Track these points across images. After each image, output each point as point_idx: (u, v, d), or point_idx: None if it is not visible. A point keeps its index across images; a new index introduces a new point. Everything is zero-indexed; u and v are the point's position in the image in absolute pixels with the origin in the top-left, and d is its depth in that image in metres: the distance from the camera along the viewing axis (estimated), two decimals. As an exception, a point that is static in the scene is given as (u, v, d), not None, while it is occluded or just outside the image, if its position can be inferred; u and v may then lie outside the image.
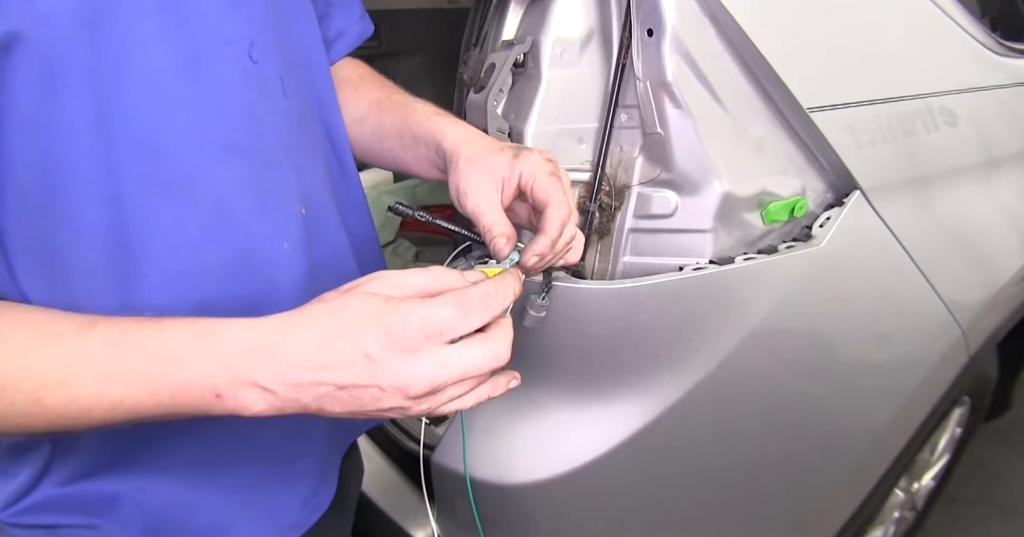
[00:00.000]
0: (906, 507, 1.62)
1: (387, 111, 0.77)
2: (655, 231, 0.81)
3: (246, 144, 0.59)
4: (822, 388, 0.98)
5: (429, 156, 0.72)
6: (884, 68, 0.98)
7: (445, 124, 0.71)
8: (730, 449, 0.94)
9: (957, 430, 1.65)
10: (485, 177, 0.64)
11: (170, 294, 0.57)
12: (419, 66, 2.30)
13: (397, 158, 0.77)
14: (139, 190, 0.54)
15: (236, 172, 0.59)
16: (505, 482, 0.88)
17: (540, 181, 0.62)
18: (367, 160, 0.82)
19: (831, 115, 0.86)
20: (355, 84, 0.81)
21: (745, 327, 0.84)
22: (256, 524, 0.70)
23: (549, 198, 0.61)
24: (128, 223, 0.54)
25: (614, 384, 0.84)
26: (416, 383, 0.48)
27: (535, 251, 0.61)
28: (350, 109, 0.79)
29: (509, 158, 0.64)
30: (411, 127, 0.74)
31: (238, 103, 0.59)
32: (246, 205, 0.60)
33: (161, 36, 0.53)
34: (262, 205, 0.61)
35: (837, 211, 0.89)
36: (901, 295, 1.02)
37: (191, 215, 0.57)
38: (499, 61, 0.78)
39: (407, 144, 0.74)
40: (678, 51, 0.74)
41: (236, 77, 0.58)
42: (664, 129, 0.76)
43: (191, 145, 0.56)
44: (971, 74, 1.14)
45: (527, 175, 0.63)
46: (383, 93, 0.80)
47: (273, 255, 0.62)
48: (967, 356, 1.19)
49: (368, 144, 0.79)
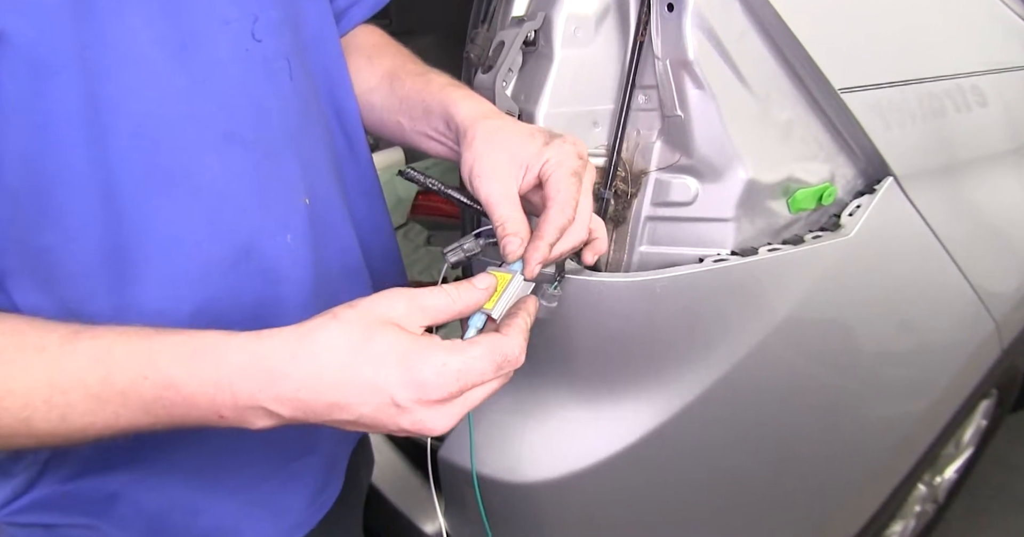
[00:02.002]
0: (928, 501, 1.61)
1: (399, 81, 0.74)
2: (674, 220, 0.78)
3: (247, 133, 0.57)
4: (850, 383, 0.95)
5: (440, 129, 0.68)
6: (919, 46, 0.94)
7: (459, 96, 0.67)
8: (750, 448, 0.92)
9: (983, 423, 1.63)
10: (503, 161, 0.59)
11: (169, 294, 0.55)
12: (431, 46, 2.26)
13: (407, 131, 0.73)
14: (133, 184, 0.51)
15: (236, 163, 0.56)
16: (514, 480, 0.86)
17: (558, 176, 0.58)
18: (377, 133, 0.78)
19: (863, 96, 0.83)
20: (369, 53, 0.78)
21: (769, 323, 0.81)
22: (262, 524, 0.69)
23: (556, 197, 0.57)
24: (123, 220, 0.52)
25: (628, 381, 0.81)
26: (441, 426, 0.48)
27: (535, 259, 0.57)
28: (361, 79, 0.76)
29: (539, 145, 0.59)
30: (423, 98, 0.70)
31: (238, 88, 0.56)
32: (247, 197, 0.57)
33: (152, 18, 0.50)
34: (264, 197, 0.59)
35: (868, 199, 0.86)
36: (934, 287, 0.99)
37: (189, 210, 0.54)
38: (508, 39, 0.75)
39: (418, 116, 0.70)
40: (700, 28, 0.71)
41: (236, 60, 0.56)
42: (685, 111, 0.73)
43: (188, 135, 0.53)
44: (1011, 53, 1.10)
45: (552, 164, 0.58)
46: (397, 62, 0.76)
47: (276, 249, 0.60)
48: (1000, 349, 1.16)
49: (379, 116, 0.76)
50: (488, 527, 0.90)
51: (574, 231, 0.59)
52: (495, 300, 0.61)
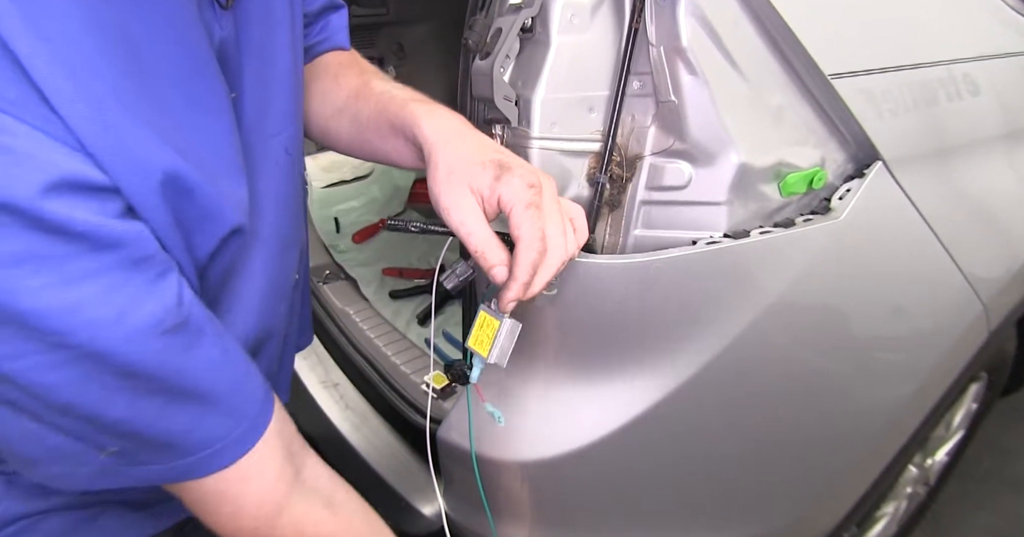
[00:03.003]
0: (919, 482, 1.61)
1: (364, 100, 0.75)
2: (668, 203, 0.79)
3: (269, 233, 0.64)
4: (840, 365, 0.96)
5: (408, 146, 0.70)
6: (908, 32, 0.95)
7: (421, 112, 0.67)
8: (743, 427, 0.93)
9: (973, 406, 1.64)
10: (466, 191, 0.60)
11: None
12: (427, 34, 2.26)
13: (377, 150, 0.75)
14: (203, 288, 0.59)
15: (260, 260, 0.64)
16: (512, 459, 0.87)
17: (516, 213, 0.59)
18: (349, 153, 0.81)
19: (853, 82, 0.83)
20: (335, 72, 0.80)
21: (760, 303, 0.82)
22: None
23: (521, 235, 0.58)
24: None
25: (624, 361, 0.82)
26: None
27: (508, 298, 0.60)
28: (330, 99, 0.78)
29: (490, 179, 0.60)
30: (388, 117, 0.71)
31: (271, 195, 0.64)
32: (264, 287, 0.66)
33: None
34: (273, 285, 0.67)
35: (857, 183, 0.87)
36: (922, 269, 1.00)
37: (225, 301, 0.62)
38: (506, 26, 0.75)
39: (385, 134, 0.72)
40: (694, 15, 0.71)
41: (272, 173, 0.64)
42: (678, 97, 0.74)
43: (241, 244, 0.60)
44: (999, 40, 1.10)
45: (506, 202, 0.59)
46: (361, 81, 0.77)
47: (277, 322, 0.70)
48: (987, 332, 1.17)
49: (348, 136, 0.77)
50: (487, 506, 0.92)
51: (551, 257, 0.60)
52: (487, 347, 0.66)
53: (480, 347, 0.67)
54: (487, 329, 0.66)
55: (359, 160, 2.33)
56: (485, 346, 0.66)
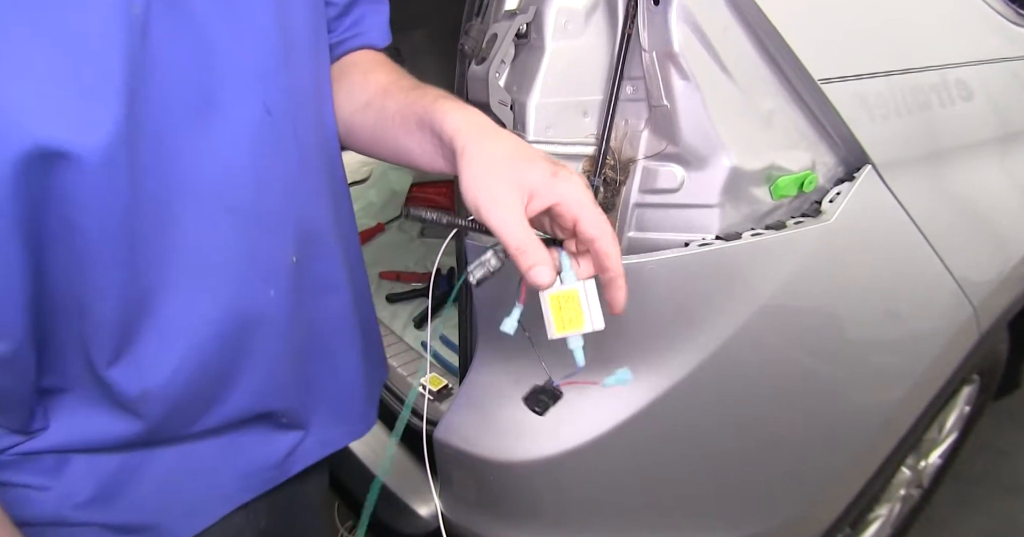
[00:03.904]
0: (912, 485, 1.62)
1: (392, 95, 0.72)
2: (661, 206, 0.80)
3: (245, 205, 0.61)
4: (831, 366, 0.97)
5: (433, 142, 0.67)
6: (898, 38, 0.96)
7: (452, 107, 0.65)
8: (736, 428, 0.93)
9: (966, 408, 1.64)
10: (507, 186, 0.57)
11: (161, 343, 0.60)
12: (424, 40, 2.27)
13: (399, 146, 0.72)
14: (147, 251, 0.56)
15: (230, 232, 0.61)
16: (508, 459, 0.88)
17: (588, 216, 0.56)
18: (371, 153, 0.78)
19: (843, 87, 0.84)
20: (364, 68, 0.78)
21: (752, 304, 0.83)
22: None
23: (604, 236, 0.57)
24: (135, 282, 0.56)
25: (617, 361, 0.82)
26: None
27: (622, 295, 0.59)
28: (356, 95, 0.75)
29: (547, 175, 0.57)
30: (416, 110, 0.68)
31: (245, 163, 0.60)
32: (234, 261, 0.62)
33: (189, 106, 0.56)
34: (250, 260, 0.63)
35: (847, 186, 0.88)
36: (912, 272, 1.01)
37: (181, 271, 0.59)
38: (501, 31, 0.76)
39: (411, 129, 0.69)
40: (685, 21, 0.72)
41: (248, 135, 0.60)
42: (670, 101, 0.75)
43: (198, 208, 0.58)
44: (988, 45, 1.11)
45: (571, 205, 0.57)
46: (392, 78, 0.76)
47: (257, 304, 0.65)
48: (978, 334, 1.18)
49: (371, 132, 0.74)
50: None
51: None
52: (581, 319, 0.60)
53: (572, 326, 0.61)
54: (567, 306, 0.60)
55: (357, 164, 2.34)
56: (578, 321, 0.60)
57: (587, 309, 0.60)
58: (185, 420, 0.66)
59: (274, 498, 0.78)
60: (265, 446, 0.74)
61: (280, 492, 0.78)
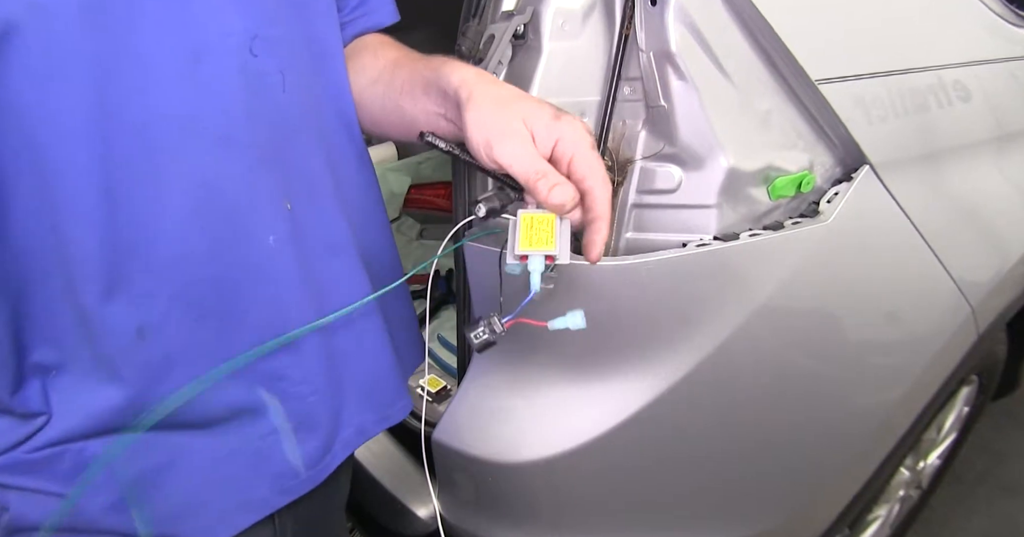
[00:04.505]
0: (911, 486, 1.62)
1: (400, 67, 0.74)
2: (658, 207, 0.80)
3: (240, 138, 0.60)
4: (829, 367, 0.97)
5: (437, 102, 0.67)
6: (895, 39, 0.96)
7: (458, 65, 0.66)
8: (734, 428, 0.93)
9: (964, 409, 1.64)
10: (517, 124, 0.58)
11: (154, 277, 0.58)
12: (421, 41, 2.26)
13: (405, 116, 0.73)
14: (131, 179, 0.55)
15: (227, 165, 0.59)
16: (505, 460, 0.87)
17: (583, 154, 0.58)
18: (377, 129, 0.79)
19: (840, 87, 0.84)
20: (375, 48, 0.80)
21: (750, 305, 0.83)
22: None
23: (595, 175, 0.58)
24: (119, 211, 0.55)
25: (616, 362, 0.83)
26: None
27: (601, 238, 0.58)
28: (367, 72, 0.77)
29: (549, 117, 0.59)
30: (423, 74, 0.69)
31: (234, 97, 0.59)
32: (234, 197, 0.61)
33: (165, 28, 0.54)
34: (250, 199, 0.62)
35: (845, 186, 0.88)
36: (910, 272, 1.01)
37: (179, 204, 0.57)
38: (498, 32, 0.76)
39: (416, 96, 0.70)
40: (683, 21, 0.73)
41: (234, 71, 0.59)
42: (668, 102, 0.75)
43: (185, 137, 0.56)
44: (986, 46, 1.12)
45: (568, 143, 0.58)
46: (400, 53, 0.78)
47: (259, 247, 0.63)
48: (976, 335, 1.18)
49: (380, 107, 0.76)
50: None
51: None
52: (553, 242, 0.57)
53: (539, 244, 0.57)
54: (539, 228, 0.59)
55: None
56: (547, 242, 0.57)
57: (558, 238, 0.58)
58: (188, 376, 0.62)
59: (299, 508, 0.75)
60: (293, 446, 0.72)
61: (307, 500, 0.76)
